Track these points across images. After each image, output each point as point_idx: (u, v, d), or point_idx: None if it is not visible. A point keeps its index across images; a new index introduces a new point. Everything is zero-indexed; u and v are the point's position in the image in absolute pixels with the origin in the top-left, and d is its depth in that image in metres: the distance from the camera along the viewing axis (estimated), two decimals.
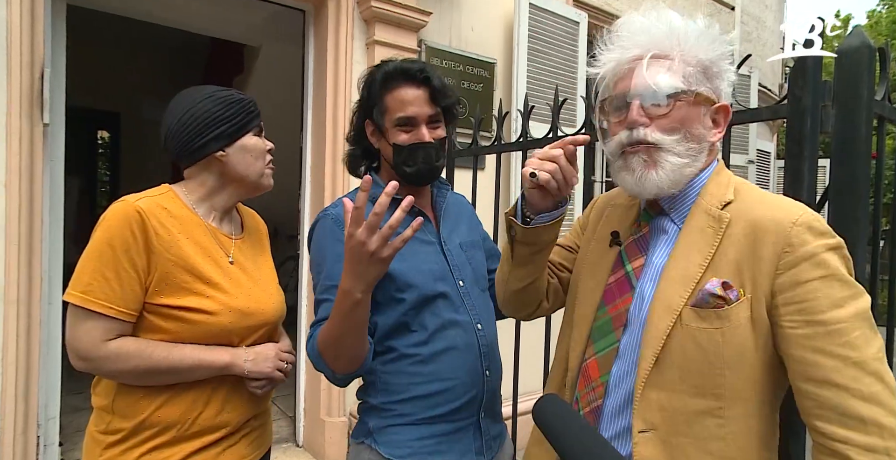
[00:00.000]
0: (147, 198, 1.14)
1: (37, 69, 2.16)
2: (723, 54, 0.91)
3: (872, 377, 0.75)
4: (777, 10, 6.70)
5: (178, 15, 3.61)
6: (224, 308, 1.15)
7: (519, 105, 3.25)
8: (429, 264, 1.26)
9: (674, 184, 0.90)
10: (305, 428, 3.12)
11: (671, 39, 0.89)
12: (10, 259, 2.07)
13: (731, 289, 0.83)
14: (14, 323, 2.09)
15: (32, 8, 2.13)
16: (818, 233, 0.80)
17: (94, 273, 1.06)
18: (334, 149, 2.90)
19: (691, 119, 0.89)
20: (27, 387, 2.15)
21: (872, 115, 1.16)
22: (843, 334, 0.76)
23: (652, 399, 0.87)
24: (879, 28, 15.76)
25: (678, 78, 0.88)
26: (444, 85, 1.25)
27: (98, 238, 1.08)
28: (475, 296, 1.30)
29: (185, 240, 1.14)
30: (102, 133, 7.84)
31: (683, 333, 0.85)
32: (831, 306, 0.77)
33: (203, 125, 1.18)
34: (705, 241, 0.87)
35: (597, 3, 4.16)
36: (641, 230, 0.99)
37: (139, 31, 5.15)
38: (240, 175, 1.23)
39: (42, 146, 2.20)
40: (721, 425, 0.83)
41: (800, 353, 0.79)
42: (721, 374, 0.83)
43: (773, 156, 6.23)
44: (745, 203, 0.88)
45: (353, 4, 2.91)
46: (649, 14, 0.92)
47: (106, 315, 1.06)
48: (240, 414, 1.22)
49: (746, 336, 0.82)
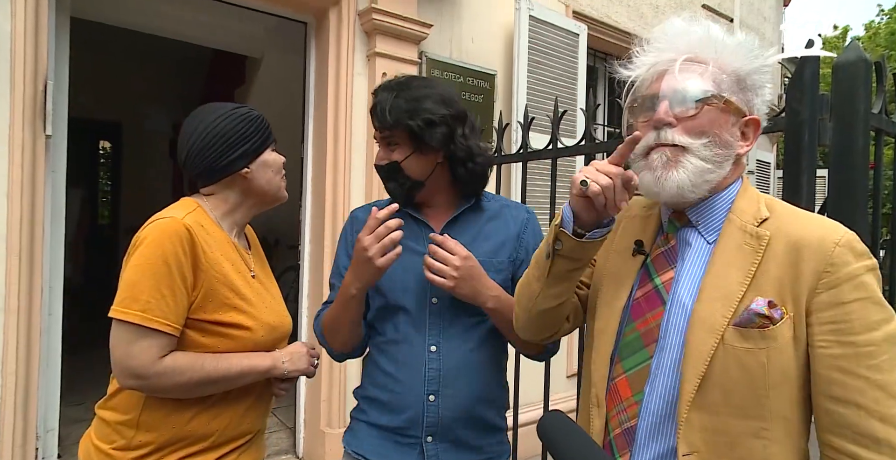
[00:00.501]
0: (189, 214, 1.15)
1: (40, 81, 2.18)
2: (760, 68, 0.90)
3: (894, 400, 0.76)
4: (775, 22, 6.75)
5: (180, 26, 3.64)
6: (258, 323, 1.19)
7: (519, 116, 3.27)
8: (404, 274, 1.26)
9: (694, 188, 0.88)
10: (305, 440, 3.10)
11: (708, 45, 0.89)
12: (10, 269, 2.07)
13: (776, 307, 0.82)
14: (14, 333, 2.08)
15: (36, 21, 2.15)
16: (859, 254, 0.81)
17: (152, 290, 1.06)
18: (335, 160, 2.91)
19: (720, 124, 0.88)
20: (26, 399, 2.14)
21: (869, 128, 1.17)
22: (872, 357, 0.77)
23: (694, 421, 0.85)
24: (878, 39, 15.85)
25: (709, 82, 0.87)
26: (393, 107, 1.21)
27: (150, 254, 1.07)
28: (447, 317, 1.25)
29: (221, 257, 1.17)
30: (104, 143, 7.88)
31: (726, 354, 0.83)
32: (866, 328, 0.78)
33: (228, 144, 1.19)
34: (745, 259, 0.86)
35: (597, 16, 4.19)
36: (669, 242, 0.96)
37: (141, 43, 5.18)
38: (262, 190, 1.26)
39: (44, 157, 2.21)
40: (765, 446, 0.82)
41: (826, 372, 0.80)
42: (766, 396, 0.82)
43: (773, 167, 6.24)
44: (782, 220, 0.87)
45: (354, 16, 2.93)
46: (689, 19, 0.92)
47: (164, 332, 1.07)
48: (261, 421, 1.29)
49: (790, 355, 0.82)
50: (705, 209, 0.93)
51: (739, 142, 0.91)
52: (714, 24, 0.91)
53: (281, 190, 1.30)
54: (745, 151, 0.92)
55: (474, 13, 3.46)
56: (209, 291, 1.13)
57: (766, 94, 0.92)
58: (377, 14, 2.86)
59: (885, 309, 0.79)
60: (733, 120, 0.90)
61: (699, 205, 0.93)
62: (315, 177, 3.07)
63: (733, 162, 0.92)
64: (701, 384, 0.84)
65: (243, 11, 2.95)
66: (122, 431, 1.13)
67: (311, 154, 3.11)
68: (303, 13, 3.04)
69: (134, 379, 1.07)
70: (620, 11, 4.41)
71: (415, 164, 1.24)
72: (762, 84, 0.91)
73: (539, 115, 3.28)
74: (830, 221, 0.86)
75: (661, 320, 0.91)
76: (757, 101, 0.92)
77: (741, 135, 0.91)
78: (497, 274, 1.26)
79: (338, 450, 2.88)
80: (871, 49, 15.24)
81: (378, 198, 2.90)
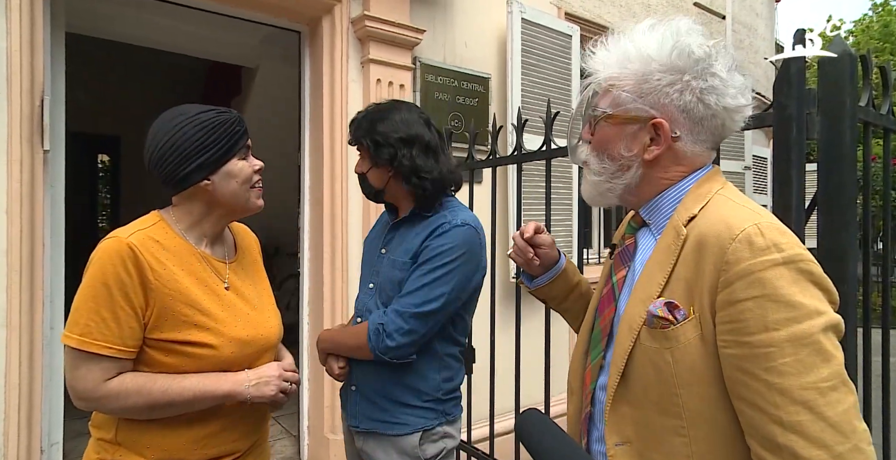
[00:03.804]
0: (138, 231, 1.12)
1: (37, 97, 2.20)
2: (669, 66, 0.87)
3: (799, 406, 0.71)
4: (768, 18, 6.78)
5: (176, 39, 3.67)
6: (224, 340, 1.14)
7: (513, 119, 3.29)
8: (367, 262, 1.64)
9: (600, 197, 0.99)
10: (310, 447, 3.10)
11: (610, 66, 0.93)
12: (11, 284, 2.08)
13: (678, 309, 0.82)
14: (17, 348, 2.09)
15: (32, 37, 2.17)
16: (759, 248, 0.75)
17: (91, 313, 1.05)
18: (332, 168, 2.92)
19: (610, 140, 0.95)
20: (30, 413, 2.15)
21: (857, 121, 1.18)
22: (770, 358, 0.73)
23: (625, 413, 0.89)
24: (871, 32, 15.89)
25: (606, 102, 0.94)
26: (358, 127, 1.53)
27: (91, 276, 1.06)
28: (370, 301, 1.54)
29: (180, 273, 1.13)
30: (103, 157, 7.90)
31: (641, 352, 0.87)
32: (762, 328, 0.73)
33: (185, 154, 1.13)
34: (667, 259, 0.87)
35: (589, 17, 4.22)
36: (625, 242, 1.01)
37: (138, 56, 5.22)
38: (227, 202, 1.20)
39: (42, 172, 2.22)
40: (686, 444, 0.82)
41: (730, 372, 0.78)
42: (677, 394, 0.82)
43: (770, 162, 6.25)
44: (704, 217, 0.85)
45: (347, 24, 2.95)
46: (612, 39, 0.95)
47: (105, 355, 1.05)
48: (249, 439, 1.24)
49: (697, 355, 0.81)
50: (653, 208, 0.95)
51: (650, 147, 0.91)
52: (636, 35, 0.92)
53: (249, 201, 1.22)
54: (653, 156, 0.91)
55: (467, 17, 3.49)
56: (163, 309, 1.09)
57: (675, 91, 0.88)
58: (370, 21, 2.88)
59: (793, 307, 0.73)
60: (632, 129, 0.92)
61: (649, 203, 0.96)
62: (312, 184, 3.08)
63: (643, 166, 0.93)
64: (624, 379, 0.89)
65: (237, 22, 2.97)
66: (107, 448, 1.13)
67: (308, 162, 3.12)
68: (296, 22, 3.06)
69: (82, 401, 1.07)
70: (612, 12, 4.43)
71: (373, 175, 1.54)
72: (672, 80, 0.88)
73: (533, 117, 3.30)
74: (747, 214, 0.81)
75: (613, 316, 0.96)
76: (672, 98, 0.88)
77: (650, 140, 0.91)
78: (400, 272, 1.48)
79: (342, 457, 2.88)
80: (864, 43, 15.27)
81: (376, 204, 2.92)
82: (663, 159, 0.92)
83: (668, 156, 0.92)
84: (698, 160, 0.93)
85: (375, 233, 1.68)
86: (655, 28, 0.91)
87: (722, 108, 0.88)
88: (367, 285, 1.59)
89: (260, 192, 1.25)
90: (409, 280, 1.44)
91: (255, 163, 1.24)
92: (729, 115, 0.90)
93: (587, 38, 4.07)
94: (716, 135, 0.92)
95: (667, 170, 0.93)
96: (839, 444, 0.70)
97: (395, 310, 1.41)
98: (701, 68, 0.87)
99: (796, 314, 0.73)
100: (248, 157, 1.23)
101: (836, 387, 0.71)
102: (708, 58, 0.87)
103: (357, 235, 2.95)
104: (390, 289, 1.48)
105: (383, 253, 1.56)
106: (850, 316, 1.21)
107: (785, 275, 0.74)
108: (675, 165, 0.93)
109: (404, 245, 1.50)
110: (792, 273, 0.74)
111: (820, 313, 0.73)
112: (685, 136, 0.90)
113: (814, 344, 0.72)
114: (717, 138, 0.93)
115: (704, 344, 0.80)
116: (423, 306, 1.39)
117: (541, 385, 2.08)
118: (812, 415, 0.70)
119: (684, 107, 0.88)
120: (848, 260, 1.20)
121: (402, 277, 1.46)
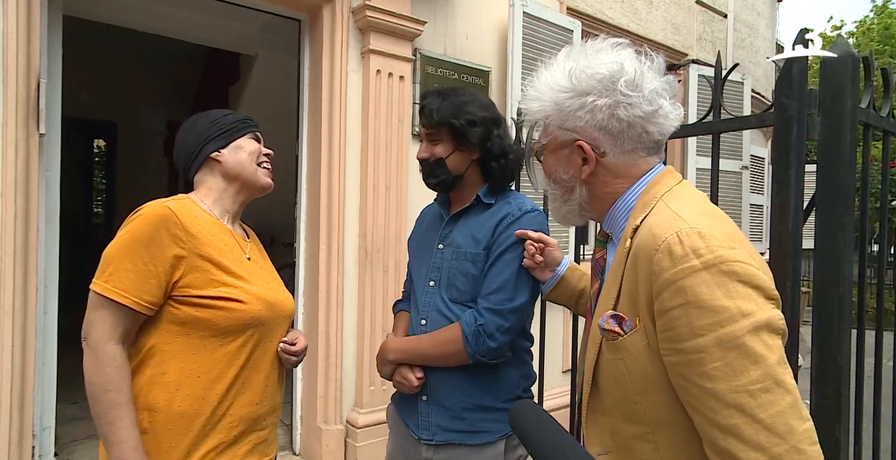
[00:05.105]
0: (175, 201, 1.22)
1: (33, 80, 2.17)
2: (574, 90, 0.92)
3: (733, 409, 0.72)
4: (769, 18, 6.76)
5: (174, 25, 3.63)
6: (252, 297, 1.22)
7: (513, 113, 3.27)
8: (418, 260, 1.56)
9: (563, 220, 1.06)
10: (302, 437, 3.11)
11: (537, 100, 0.98)
12: (5, 269, 2.07)
13: (625, 320, 0.85)
14: (10, 332, 2.08)
15: (28, 19, 2.14)
16: (678, 256, 0.76)
17: (117, 264, 1.13)
18: (330, 158, 2.91)
19: (552, 166, 1.01)
20: (22, 398, 2.15)
21: (857, 123, 1.18)
22: (702, 363, 0.74)
23: (601, 423, 0.93)
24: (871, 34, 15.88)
25: (541, 134, 1.01)
26: (440, 108, 1.42)
27: (128, 231, 1.15)
28: (435, 299, 1.45)
29: (210, 238, 1.22)
30: (99, 142, 7.85)
31: (604, 363, 0.90)
32: (690, 335, 0.75)
33: (202, 135, 1.31)
34: (618, 272, 0.89)
35: (591, 12, 4.20)
36: (595, 255, 1.05)
37: (136, 41, 5.16)
38: (236, 172, 1.31)
39: (38, 156, 2.21)
40: (654, 450, 0.84)
41: (674, 379, 0.79)
42: (636, 402, 0.85)
43: (767, 162, 6.26)
44: (643, 227, 0.86)
45: (347, 13, 2.93)
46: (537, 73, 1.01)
47: (119, 303, 1.11)
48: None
49: (648, 363, 0.82)
50: (610, 221, 0.98)
51: (584, 167, 0.95)
52: (552, 67, 0.98)
53: (257, 174, 1.35)
54: (587, 174, 0.95)
55: (468, 10, 3.47)
56: (193, 268, 1.17)
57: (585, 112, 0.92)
58: (371, 11, 2.86)
59: (718, 312, 0.73)
60: (564, 153, 0.97)
61: (606, 216, 0.99)
62: (310, 174, 3.07)
63: (584, 185, 0.97)
64: (593, 391, 0.93)
65: (237, 9, 2.94)
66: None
67: (306, 152, 3.11)
68: (297, 10, 3.04)
69: (84, 341, 1.13)
70: (614, 7, 4.41)
71: (455, 159, 1.45)
72: (580, 106, 0.92)
73: None
74: (669, 222, 0.81)
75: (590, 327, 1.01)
76: (584, 122, 0.92)
77: (583, 160, 0.95)
78: (473, 264, 1.41)
79: (335, 446, 2.90)
80: (865, 45, 15.27)
81: (373, 195, 2.91)
82: (599, 175, 0.96)
83: (603, 171, 0.95)
84: (636, 169, 0.95)
85: (425, 229, 1.60)
86: (569, 55, 0.96)
87: (636, 118, 0.90)
88: (425, 284, 1.48)
89: (268, 172, 1.38)
90: (492, 273, 1.38)
91: (265, 149, 1.39)
92: (647, 121, 0.91)
93: (589, 34, 4.05)
94: (643, 141, 0.93)
95: (606, 184, 0.96)
96: (776, 446, 0.70)
97: (489, 309, 1.34)
98: (604, 86, 0.90)
99: (720, 318, 0.73)
100: (259, 142, 1.38)
101: (769, 389, 0.71)
102: (611, 75, 0.90)
103: (353, 226, 2.95)
104: (461, 283, 1.41)
105: (441, 248, 1.48)
106: (844, 317, 1.21)
107: (706, 281, 0.74)
108: (613, 178, 0.96)
109: (471, 236, 1.44)
110: (714, 277, 0.74)
111: (745, 314, 0.73)
112: (610, 151, 0.94)
113: (740, 346, 0.72)
114: (649, 144, 0.94)
115: (652, 352, 0.82)
116: (516, 300, 1.35)
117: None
118: (746, 418, 0.71)
119: (599, 125, 0.92)
120: (843, 261, 1.21)
121: (475, 269, 1.40)
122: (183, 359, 1.17)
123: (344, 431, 2.94)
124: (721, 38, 5.64)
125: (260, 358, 1.26)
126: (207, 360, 1.18)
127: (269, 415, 1.31)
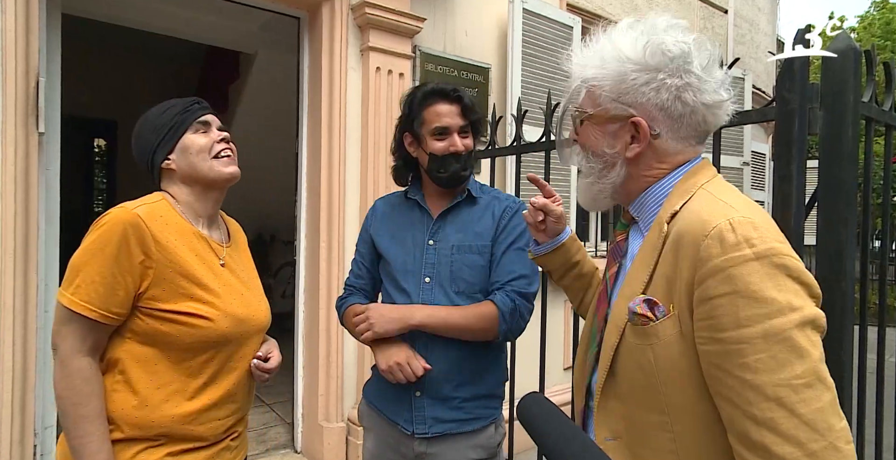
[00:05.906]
0: (145, 205, 1.16)
1: (32, 78, 2.17)
2: (644, 65, 0.87)
3: (772, 403, 0.70)
4: (770, 13, 6.75)
5: (174, 23, 3.63)
6: (221, 314, 1.17)
7: (513, 109, 3.27)
8: (404, 256, 1.50)
9: (591, 202, 1.01)
10: (304, 434, 3.11)
11: (589, 67, 0.93)
12: (6, 267, 2.07)
13: (658, 305, 0.83)
14: (10, 331, 2.09)
15: (27, 18, 2.14)
16: (730, 244, 0.74)
17: (84, 275, 1.09)
18: (329, 155, 2.91)
19: (593, 139, 0.95)
20: (24, 396, 2.15)
21: (859, 117, 1.17)
22: (743, 354, 0.72)
23: (614, 409, 0.91)
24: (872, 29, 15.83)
25: (587, 103, 0.95)
26: (473, 103, 1.48)
27: (93, 240, 1.10)
28: (436, 293, 1.45)
29: (181, 247, 1.17)
30: (99, 141, 7.84)
31: (626, 349, 0.88)
32: (734, 325, 0.73)
33: (147, 145, 1.24)
34: (650, 256, 0.86)
35: (591, 8, 4.19)
36: (616, 239, 1.02)
37: (135, 40, 5.16)
38: (192, 176, 1.24)
39: (37, 155, 2.21)
40: (672, 440, 0.83)
41: (707, 369, 0.78)
42: (659, 390, 0.83)
43: (768, 158, 6.25)
44: (685, 213, 0.84)
45: (347, 11, 2.92)
46: (593, 39, 0.95)
47: (87, 317, 1.08)
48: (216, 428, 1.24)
49: (678, 351, 0.81)
50: (640, 205, 0.95)
51: (631, 145, 0.91)
52: (614, 35, 0.91)
53: (213, 169, 1.25)
54: (634, 153, 0.91)
55: (468, 7, 3.45)
56: (161, 280, 1.12)
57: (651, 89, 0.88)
58: (370, 8, 2.85)
59: (765, 303, 0.72)
60: (612, 127, 0.92)
61: (636, 201, 0.96)
62: (310, 172, 3.06)
63: (626, 164, 0.93)
64: (611, 375, 0.91)
65: (237, 7, 2.93)
66: None
67: (306, 149, 3.10)
68: (296, 8, 3.03)
69: (54, 351, 1.11)
70: (615, 3, 4.40)
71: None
72: (647, 79, 0.87)
73: (533, 108, 3.28)
74: (719, 210, 0.80)
75: (606, 313, 0.97)
76: (646, 98, 0.88)
77: (632, 138, 0.91)
78: (479, 256, 1.45)
79: (336, 444, 2.90)
80: (866, 40, 15.21)
81: (373, 192, 2.91)
82: (645, 156, 0.92)
83: (650, 153, 0.92)
84: (681, 156, 0.93)
85: (401, 225, 1.56)
86: (633, 26, 0.91)
87: (700, 105, 0.88)
88: (419, 280, 1.47)
89: (229, 160, 1.28)
90: (506, 262, 1.44)
91: (216, 134, 1.28)
92: (709, 110, 0.89)
93: (588, 30, 4.04)
94: (698, 130, 0.91)
95: (650, 167, 0.93)
96: (813, 442, 0.69)
97: (517, 292, 1.41)
98: (676, 66, 0.86)
99: (768, 310, 0.72)
100: (208, 131, 1.27)
101: (811, 384, 0.70)
102: (684, 55, 0.86)
103: (354, 224, 2.94)
104: (469, 275, 1.44)
105: (432, 244, 1.48)
106: (846, 313, 1.21)
107: (757, 271, 0.73)
108: (657, 162, 0.93)
109: (470, 229, 1.47)
110: (765, 268, 0.73)
111: (794, 308, 0.72)
112: (665, 134, 0.90)
113: (787, 340, 0.71)
114: (701, 133, 0.92)
115: (684, 340, 0.80)
116: (533, 285, 1.45)
117: (535, 375, 2.08)
118: (785, 412, 0.70)
119: (662, 105, 0.88)
120: (845, 257, 1.20)
121: (483, 261, 1.45)
122: (144, 369, 1.14)
123: (345, 429, 2.94)
124: (721, 34, 5.63)
125: (226, 373, 1.22)
126: (169, 372, 1.15)
127: (236, 425, 1.28)
